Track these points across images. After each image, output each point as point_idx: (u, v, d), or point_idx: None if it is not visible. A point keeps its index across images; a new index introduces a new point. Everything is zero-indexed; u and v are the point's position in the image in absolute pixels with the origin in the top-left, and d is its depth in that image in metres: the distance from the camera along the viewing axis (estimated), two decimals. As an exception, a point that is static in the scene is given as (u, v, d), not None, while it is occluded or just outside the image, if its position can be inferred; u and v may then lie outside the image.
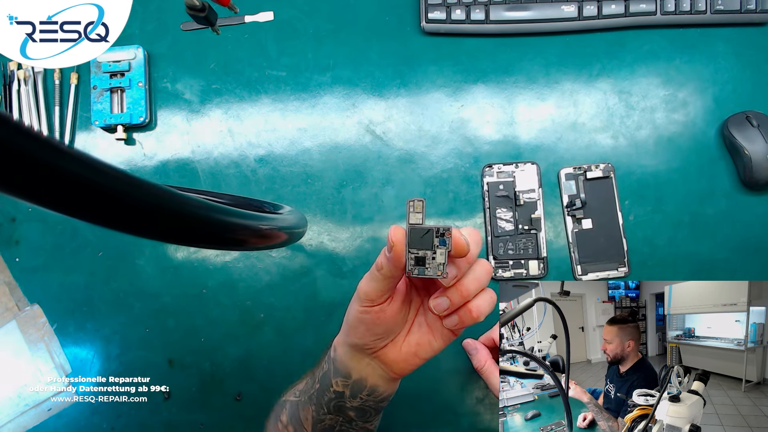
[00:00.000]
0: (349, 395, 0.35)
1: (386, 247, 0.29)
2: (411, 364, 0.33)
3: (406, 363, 0.33)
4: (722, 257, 0.58)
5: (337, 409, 0.35)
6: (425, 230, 0.27)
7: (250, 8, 0.63)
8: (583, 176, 0.59)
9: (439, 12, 0.60)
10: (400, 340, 0.33)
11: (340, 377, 0.34)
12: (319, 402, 0.36)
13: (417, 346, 0.33)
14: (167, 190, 0.21)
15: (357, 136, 0.61)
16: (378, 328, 0.32)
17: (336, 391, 0.35)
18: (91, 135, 0.63)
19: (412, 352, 0.33)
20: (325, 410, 0.36)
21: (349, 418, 0.36)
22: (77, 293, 0.60)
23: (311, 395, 0.37)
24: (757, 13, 0.60)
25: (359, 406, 0.35)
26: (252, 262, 0.60)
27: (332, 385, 0.35)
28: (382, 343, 0.33)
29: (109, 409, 0.59)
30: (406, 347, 0.33)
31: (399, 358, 0.33)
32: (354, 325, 0.32)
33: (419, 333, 0.33)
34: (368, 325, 0.32)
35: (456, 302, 0.30)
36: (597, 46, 0.62)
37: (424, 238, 0.27)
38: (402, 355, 0.33)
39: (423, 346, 0.33)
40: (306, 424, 0.37)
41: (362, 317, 0.31)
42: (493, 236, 0.58)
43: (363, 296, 0.31)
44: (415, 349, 0.33)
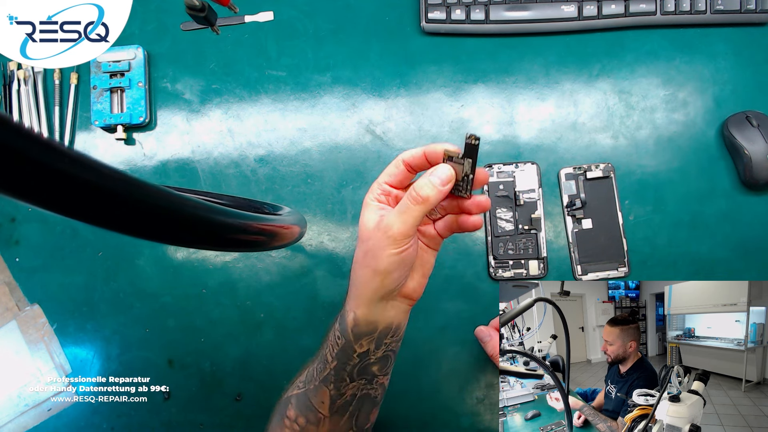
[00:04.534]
0: (374, 348, 0.36)
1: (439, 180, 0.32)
2: (422, 284, 0.37)
3: (420, 285, 0.37)
4: (722, 257, 0.58)
5: (361, 371, 0.37)
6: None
7: (250, 8, 0.63)
8: (583, 176, 0.59)
9: (439, 12, 0.60)
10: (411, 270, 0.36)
11: (365, 337, 0.36)
12: (339, 377, 0.36)
13: (422, 266, 0.37)
14: (166, 192, 0.21)
15: (357, 136, 0.61)
16: (410, 263, 0.34)
17: (360, 354, 0.36)
18: (91, 135, 0.63)
19: (421, 274, 0.36)
20: (347, 381, 0.37)
21: (372, 374, 0.37)
22: (77, 293, 0.60)
23: (326, 376, 0.37)
24: (757, 13, 0.59)
25: (383, 354, 0.37)
26: (252, 262, 0.60)
27: (356, 351, 0.36)
28: (406, 279, 0.35)
29: (109, 409, 0.59)
30: (416, 272, 0.36)
31: (415, 284, 0.36)
32: (392, 271, 0.33)
33: (419, 256, 0.37)
34: (405, 264, 0.34)
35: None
36: (597, 46, 0.62)
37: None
38: (415, 280, 0.36)
39: (426, 265, 0.37)
40: (322, 408, 0.37)
41: (402, 257, 0.33)
42: (493, 236, 0.58)
43: (402, 236, 0.32)
44: (422, 271, 0.36)
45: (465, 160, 0.33)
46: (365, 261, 0.34)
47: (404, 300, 0.36)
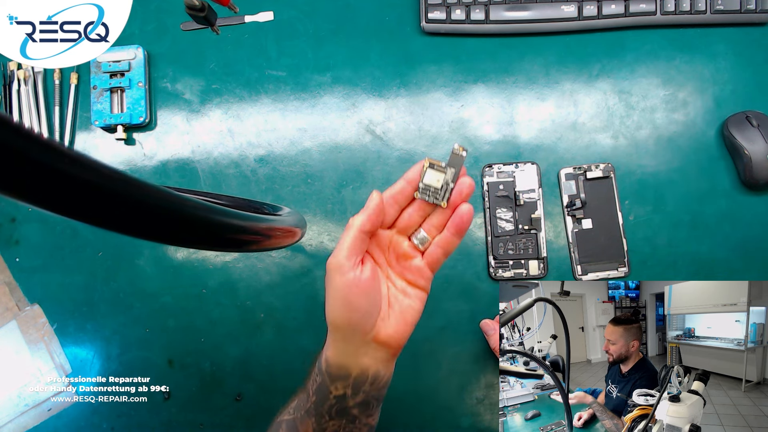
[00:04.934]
0: (352, 393, 0.35)
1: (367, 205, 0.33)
2: (403, 332, 0.35)
3: (399, 333, 0.35)
4: (722, 257, 0.58)
5: (340, 412, 0.35)
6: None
7: (250, 8, 0.63)
8: (583, 176, 0.59)
9: (439, 12, 0.60)
10: (385, 314, 0.35)
11: (339, 381, 0.35)
12: (318, 413, 0.36)
13: (401, 313, 0.35)
14: (166, 192, 0.21)
15: (357, 136, 0.61)
16: (363, 298, 0.33)
17: (336, 396, 0.35)
18: (91, 135, 0.63)
19: (400, 321, 0.35)
20: (326, 418, 0.36)
21: (352, 416, 0.36)
22: (77, 293, 0.60)
23: (308, 409, 0.36)
24: (757, 13, 0.59)
25: (362, 400, 0.36)
26: (252, 262, 0.60)
27: (331, 392, 0.35)
28: (372, 319, 0.34)
29: (109, 409, 0.59)
30: (394, 318, 0.35)
31: (392, 331, 0.35)
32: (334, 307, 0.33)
33: (397, 301, 0.36)
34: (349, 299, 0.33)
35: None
36: (597, 46, 0.61)
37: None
38: (393, 326, 0.35)
39: (407, 311, 0.35)
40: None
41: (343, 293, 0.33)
42: (493, 236, 0.58)
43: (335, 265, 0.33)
44: (402, 317, 0.35)
45: (447, 169, 0.33)
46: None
47: (380, 348, 0.35)
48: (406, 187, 0.34)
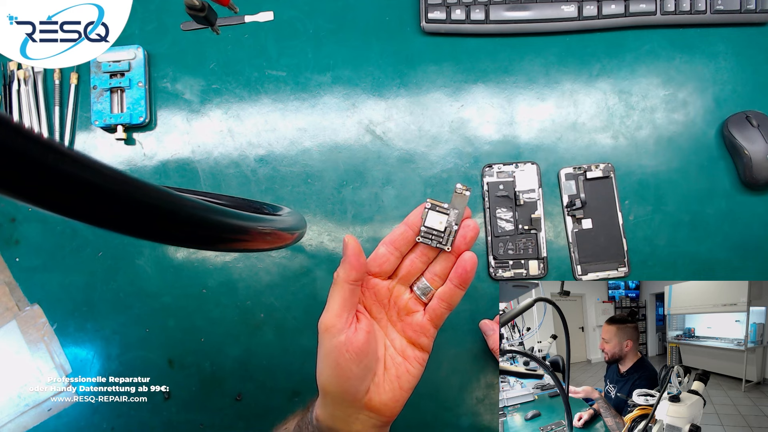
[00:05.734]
0: None
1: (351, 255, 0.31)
2: (399, 399, 0.33)
3: (394, 401, 0.33)
4: (722, 257, 0.58)
5: None
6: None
7: (250, 8, 0.63)
8: (583, 176, 0.59)
9: (439, 12, 0.60)
10: (380, 379, 0.33)
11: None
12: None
13: (397, 378, 0.33)
14: (166, 192, 0.20)
15: (357, 136, 0.61)
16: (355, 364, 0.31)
17: None
18: (91, 135, 0.63)
19: (396, 387, 0.33)
20: None
21: None
22: (77, 293, 0.60)
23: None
24: (757, 13, 0.59)
25: None
26: (252, 262, 0.60)
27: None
28: (365, 385, 0.32)
29: (109, 409, 0.59)
30: (388, 384, 0.33)
31: (386, 398, 0.33)
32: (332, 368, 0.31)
33: (395, 365, 0.34)
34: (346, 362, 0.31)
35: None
36: (597, 46, 0.61)
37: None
38: (387, 393, 0.33)
39: (403, 377, 0.33)
40: None
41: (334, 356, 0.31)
42: (493, 236, 0.58)
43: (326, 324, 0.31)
44: (397, 383, 0.33)
45: (451, 210, 0.31)
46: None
47: (372, 415, 0.32)
48: (407, 231, 0.32)
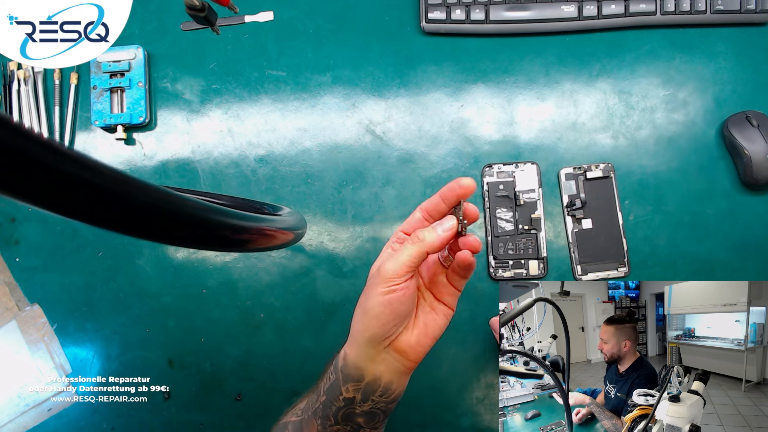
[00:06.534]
0: (361, 399, 0.35)
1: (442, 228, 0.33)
2: (424, 345, 0.35)
3: (420, 345, 0.35)
4: (722, 257, 0.58)
5: (345, 417, 0.35)
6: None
7: (250, 8, 0.63)
8: (583, 176, 0.59)
9: (439, 12, 0.60)
10: (410, 324, 0.35)
11: (351, 382, 0.34)
12: (325, 414, 0.36)
13: (425, 326, 0.35)
14: (166, 192, 0.21)
15: (357, 136, 0.61)
16: (402, 309, 0.33)
17: (346, 398, 0.35)
18: (91, 135, 0.63)
19: (423, 333, 0.35)
20: (332, 421, 0.35)
21: (357, 425, 0.36)
22: (77, 293, 0.60)
23: (315, 409, 0.36)
24: (757, 13, 0.59)
25: (369, 409, 0.35)
26: (252, 262, 0.60)
27: (342, 393, 0.35)
28: (400, 328, 0.34)
29: (109, 409, 0.59)
30: (417, 329, 0.35)
31: (413, 342, 0.34)
32: (377, 312, 0.33)
33: (424, 313, 0.36)
34: (394, 307, 0.33)
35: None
36: (597, 46, 0.61)
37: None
38: (415, 337, 0.35)
39: (430, 325, 0.35)
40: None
41: (390, 298, 0.32)
42: (493, 236, 0.58)
43: (392, 273, 0.32)
44: (424, 330, 0.35)
45: (456, 208, 0.35)
46: (360, 301, 0.34)
47: (397, 356, 0.34)
48: (441, 203, 0.35)
